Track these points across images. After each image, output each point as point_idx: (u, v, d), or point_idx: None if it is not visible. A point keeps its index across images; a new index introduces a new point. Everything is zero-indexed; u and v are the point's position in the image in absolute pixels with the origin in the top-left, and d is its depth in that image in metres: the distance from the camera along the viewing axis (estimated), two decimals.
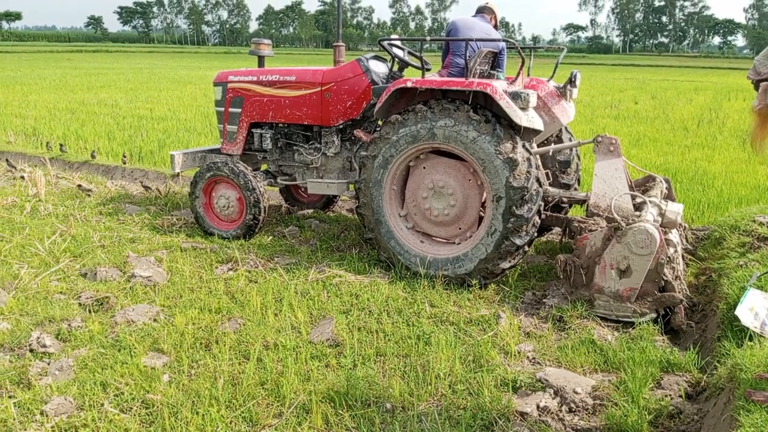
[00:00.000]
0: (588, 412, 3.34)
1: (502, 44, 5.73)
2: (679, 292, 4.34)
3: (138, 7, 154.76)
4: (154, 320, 4.31)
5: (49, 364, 3.70)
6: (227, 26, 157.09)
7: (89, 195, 7.48)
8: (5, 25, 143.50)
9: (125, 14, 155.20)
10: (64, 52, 70.86)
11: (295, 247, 6.03)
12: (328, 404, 3.32)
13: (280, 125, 6.43)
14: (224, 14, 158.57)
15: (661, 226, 4.64)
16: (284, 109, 6.20)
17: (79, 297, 4.64)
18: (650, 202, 4.87)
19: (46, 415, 3.20)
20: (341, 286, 4.92)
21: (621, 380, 3.57)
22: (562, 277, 4.70)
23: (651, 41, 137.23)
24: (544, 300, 4.76)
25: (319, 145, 6.24)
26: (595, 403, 3.39)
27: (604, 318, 4.45)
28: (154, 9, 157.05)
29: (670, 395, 3.47)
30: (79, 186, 7.49)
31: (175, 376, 3.59)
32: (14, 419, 3.16)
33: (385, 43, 5.67)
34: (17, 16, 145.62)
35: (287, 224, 6.84)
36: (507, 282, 5.14)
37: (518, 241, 4.76)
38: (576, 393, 3.42)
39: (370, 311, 4.49)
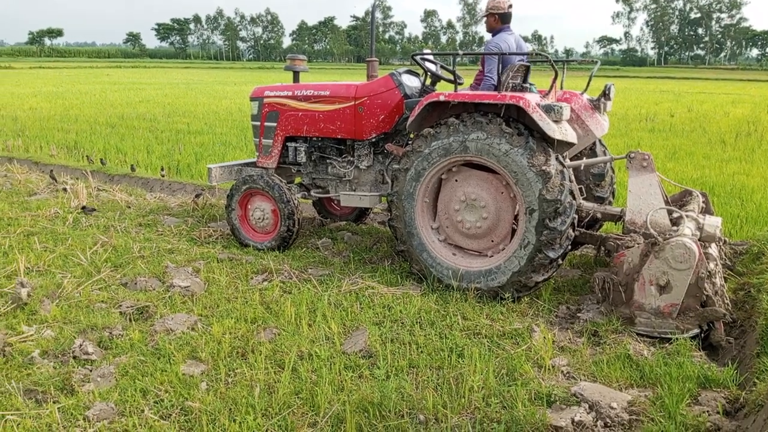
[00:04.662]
0: (624, 427, 3.30)
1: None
2: (720, 307, 4.26)
3: (175, 24, 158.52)
4: (192, 329, 4.41)
5: (91, 370, 3.82)
6: (261, 42, 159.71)
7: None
8: (48, 41, 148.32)
9: (163, 31, 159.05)
10: (104, 68, 72.90)
11: (328, 259, 6.10)
12: (362, 415, 3.34)
13: (314, 139, 6.53)
14: (259, 30, 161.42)
15: (699, 240, 4.57)
16: (318, 123, 6.30)
17: (120, 306, 4.77)
18: (687, 216, 4.80)
19: (89, 421, 3.30)
20: (374, 298, 4.96)
21: (657, 396, 3.52)
22: (600, 295, 4.65)
23: (687, 53, 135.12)
24: (578, 314, 4.73)
25: (352, 159, 6.31)
26: (631, 418, 3.35)
27: (640, 333, 4.40)
28: (191, 26, 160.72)
29: (707, 411, 3.41)
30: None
31: (213, 384, 3.66)
32: (58, 424, 3.27)
33: (417, 58, 5.74)
34: (59, 33, 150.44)
35: (320, 236, 6.92)
36: (540, 296, 5.11)
37: (552, 254, 4.74)
38: (612, 408, 3.39)
39: (402, 323, 4.52)
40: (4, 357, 3.99)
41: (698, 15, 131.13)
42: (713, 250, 4.85)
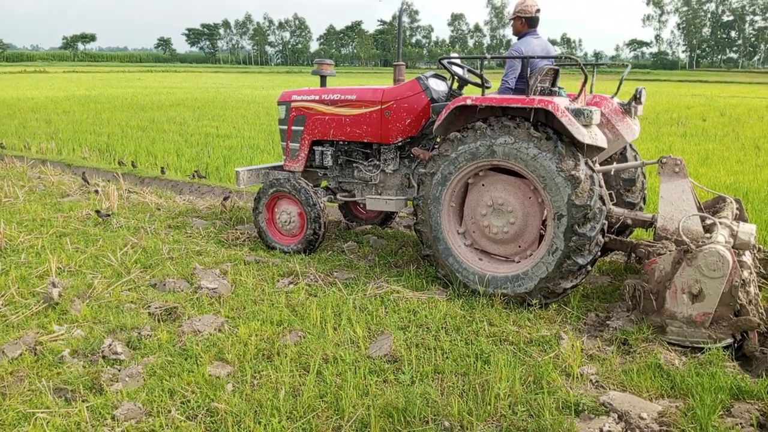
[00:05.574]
0: None
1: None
2: (754, 316, 4.15)
3: (205, 29, 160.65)
4: (219, 331, 4.44)
5: (119, 370, 3.86)
6: (289, 46, 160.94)
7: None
8: (81, 46, 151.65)
9: (193, 36, 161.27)
10: (135, 72, 74.21)
11: (353, 263, 6.10)
12: (387, 420, 3.33)
13: (341, 143, 6.55)
14: (287, 35, 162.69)
15: (733, 247, 4.46)
16: (345, 127, 6.32)
17: (149, 306, 4.83)
18: (721, 223, 4.70)
19: (117, 420, 3.33)
20: (399, 302, 4.95)
21: (689, 407, 3.45)
22: (630, 303, 4.57)
23: (719, 57, 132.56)
24: (607, 322, 4.65)
25: (378, 162, 6.32)
26: (661, 429, 3.28)
27: (671, 342, 4.30)
28: (221, 30, 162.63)
29: (740, 423, 3.32)
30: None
31: (239, 386, 3.68)
32: (87, 422, 3.31)
33: (444, 62, 5.71)
34: (92, 38, 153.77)
35: (346, 240, 6.93)
36: (569, 302, 5.04)
37: (580, 261, 4.67)
38: (641, 418, 3.32)
39: (427, 328, 4.49)
40: (35, 355, 4.07)
41: (731, 17, 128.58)
42: (747, 257, 4.73)
